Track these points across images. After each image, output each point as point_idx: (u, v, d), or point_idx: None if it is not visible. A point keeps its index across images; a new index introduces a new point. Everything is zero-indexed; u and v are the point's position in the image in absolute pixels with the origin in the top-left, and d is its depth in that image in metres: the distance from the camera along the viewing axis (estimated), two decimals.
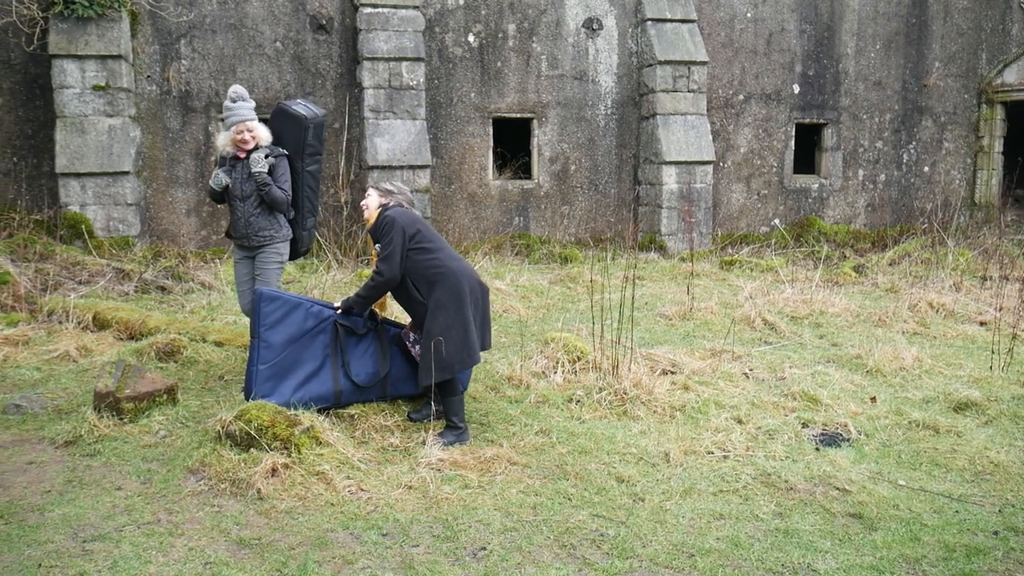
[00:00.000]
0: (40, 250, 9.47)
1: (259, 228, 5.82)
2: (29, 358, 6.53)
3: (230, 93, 5.76)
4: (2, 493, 4.24)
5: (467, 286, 5.05)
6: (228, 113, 5.71)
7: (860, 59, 14.16)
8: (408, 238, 4.97)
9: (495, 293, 9.23)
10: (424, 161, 11.52)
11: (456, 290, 4.99)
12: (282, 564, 3.58)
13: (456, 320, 4.97)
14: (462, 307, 4.99)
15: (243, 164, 5.74)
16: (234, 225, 5.86)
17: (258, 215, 5.79)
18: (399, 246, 4.94)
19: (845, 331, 8.01)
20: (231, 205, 5.86)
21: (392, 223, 4.97)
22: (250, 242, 5.85)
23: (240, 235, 5.85)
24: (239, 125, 5.65)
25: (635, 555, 3.74)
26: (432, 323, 4.93)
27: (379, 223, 5.06)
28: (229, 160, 5.79)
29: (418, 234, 5.03)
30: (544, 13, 12.60)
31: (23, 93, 10.68)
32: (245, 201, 5.77)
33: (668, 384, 5.98)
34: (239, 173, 5.76)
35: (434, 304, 4.95)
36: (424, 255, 5.00)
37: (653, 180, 12.85)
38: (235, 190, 5.77)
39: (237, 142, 5.70)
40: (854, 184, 14.49)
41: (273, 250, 5.91)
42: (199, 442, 4.74)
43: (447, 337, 4.91)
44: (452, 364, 4.93)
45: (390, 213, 5.05)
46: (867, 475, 4.66)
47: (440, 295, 4.96)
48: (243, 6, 11.32)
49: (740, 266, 11.59)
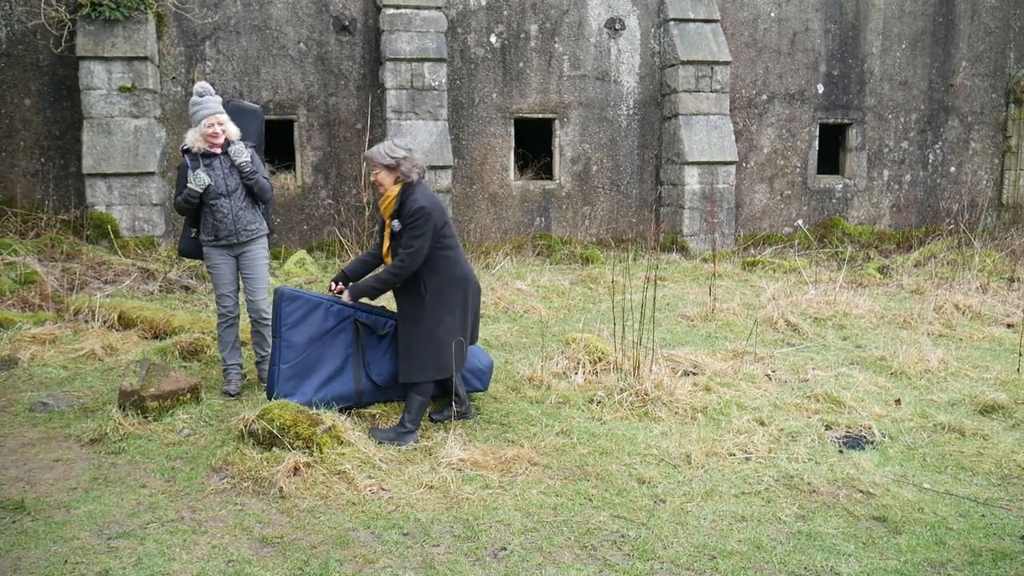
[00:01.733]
0: (67, 250, 9.59)
1: (247, 222, 5.66)
2: (56, 356, 6.61)
3: (196, 89, 5.58)
4: (29, 490, 4.30)
5: (470, 291, 5.04)
6: (197, 107, 5.49)
7: (886, 58, 14.02)
8: (436, 232, 4.85)
9: (516, 293, 9.24)
10: (446, 162, 11.54)
11: (463, 294, 4.97)
12: (304, 563, 3.60)
13: (460, 326, 4.96)
14: (465, 312, 5.00)
15: (221, 160, 5.56)
16: (216, 226, 5.59)
17: (245, 208, 5.64)
18: (427, 242, 4.81)
19: (869, 333, 7.93)
20: (211, 207, 5.56)
21: (427, 217, 4.78)
22: (239, 238, 5.64)
23: (227, 233, 5.60)
24: (210, 118, 5.45)
25: (656, 557, 3.73)
26: (436, 323, 4.87)
27: (410, 209, 4.80)
28: (202, 159, 5.54)
29: (445, 227, 4.92)
30: (566, 13, 12.58)
31: (51, 94, 10.83)
32: (231, 196, 5.58)
33: (690, 385, 5.95)
34: (219, 169, 5.56)
35: (442, 304, 4.89)
36: (444, 252, 4.91)
37: (675, 180, 12.80)
38: (218, 187, 5.54)
39: (208, 136, 5.49)
40: (879, 184, 14.34)
41: (261, 244, 5.78)
42: (222, 441, 4.78)
43: (449, 341, 4.90)
44: (448, 366, 4.91)
45: (423, 203, 4.82)
46: (891, 478, 4.61)
47: (448, 296, 4.91)
48: (267, 7, 11.40)
49: (763, 267, 11.51)
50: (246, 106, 5.82)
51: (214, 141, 5.52)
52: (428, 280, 4.89)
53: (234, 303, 5.77)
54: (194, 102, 5.53)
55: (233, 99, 5.83)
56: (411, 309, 4.95)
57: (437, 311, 4.90)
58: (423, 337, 4.89)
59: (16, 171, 10.84)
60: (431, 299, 4.89)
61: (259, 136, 5.85)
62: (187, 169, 5.54)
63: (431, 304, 4.89)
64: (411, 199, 4.86)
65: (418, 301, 4.91)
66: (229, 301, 5.75)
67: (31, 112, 10.83)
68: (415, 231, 4.80)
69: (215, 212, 5.58)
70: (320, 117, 11.81)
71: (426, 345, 4.89)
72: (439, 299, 4.90)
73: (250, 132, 5.75)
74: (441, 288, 4.91)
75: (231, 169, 5.59)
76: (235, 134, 5.60)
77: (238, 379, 5.81)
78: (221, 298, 5.76)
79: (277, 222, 11.65)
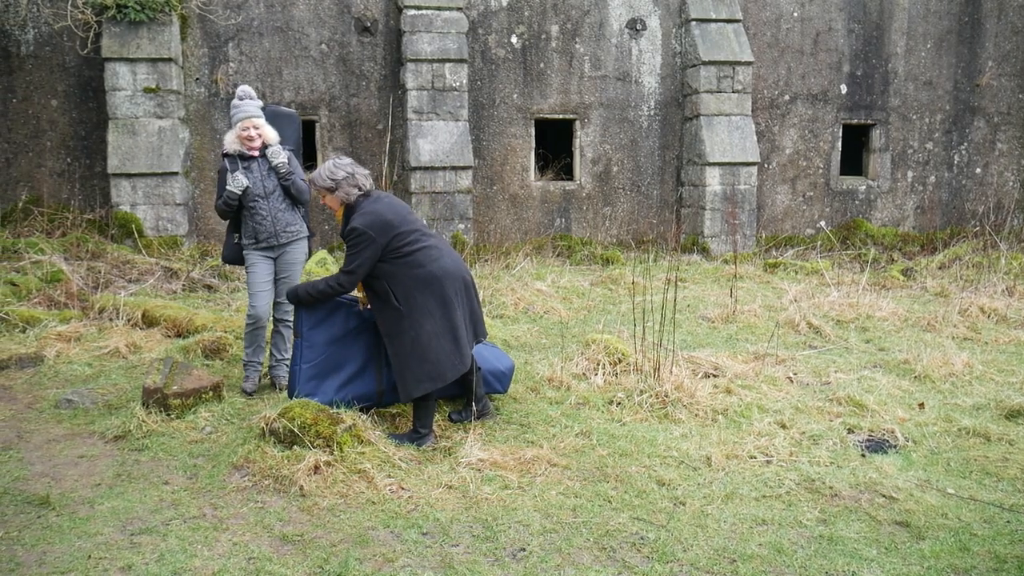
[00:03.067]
0: (92, 248, 9.71)
1: (287, 224, 5.71)
2: (81, 354, 6.69)
3: (238, 92, 5.67)
4: (54, 485, 4.35)
5: (451, 288, 4.83)
6: (235, 111, 5.59)
7: (910, 58, 13.88)
8: (382, 248, 4.70)
9: (536, 294, 9.23)
10: (466, 162, 11.56)
11: (440, 295, 4.78)
12: (324, 561, 3.62)
13: (444, 327, 4.79)
14: (448, 311, 4.81)
15: (259, 162, 5.63)
16: (256, 228, 5.64)
17: (284, 210, 5.69)
18: (368, 261, 4.70)
19: (893, 336, 7.86)
20: (250, 209, 5.63)
21: (362, 238, 4.67)
22: (279, 240, 5.68)
23: (267, 235, 5.65)
24: (245, 121, 5.53)
25: (676, 559, 3.71)
26: (417, 331, 4.72)
27: (347, 232, 4.74)
28: (240, 162, 5.62)
29: (395, 239, 4.72)
30: (587, 14, 12.57)
31: (77, 95, 10.96)
32: (269, 198, 5.64)
33: (710, 387, 5.92)
34: (257, 171, 5.63)
35: (417, 311, 4.73)
36: (406, 259, 4.75)
37: (696, 181, 12.75)
38: (256, 189, 5.60)
39: (243, 139, 5.57)
40: (903, 186, 14.21)
41: (300, 247, 5.82)
42: (244, 439, 4.81)
43: (436, 345, 4.76)
44: (444, 372, 4.80)
45: (357, 223, 4.70)
46: (915, 483, 4.56)
47: (424, 300, 4.75)
48: (290, 9, 11.47)
49: (785, 269, 11.44)
50: (282, 110, 5.91)
51: (250, 144, 5.60)
52: (396, 290, 4.76)
53: (265, 305, 5.76)
54: (233, 105, 5.63)
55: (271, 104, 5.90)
56: (390, 325, 4.81)
57: (414, 318, 4.74)
58: (408, 349, 4.75)
59: (43, 171, 10.98)
60: (405, 308, 4.74)
61: (296, 139, 5.92)
62: (226, 172, 5.61)
63: (406, 313, 4.74)
64: (352, 220, 4.78)
65: (394, 314, 4.77)
66: (260, 302, 5.72)
67: (57, 113, 10.96)
68: (350, 251, 4.73)
69: (254, 214, 5.63)
70: (341, 118, 11.88)
71: (413, 356, 4.75)
72: (412, 306, 4.74)
73: (287, 135, 5.83)
74: (411, 294, 4.75)
75: (269, 171, 5.65)
76: (273, 138, 5.68)
77: (256, 378, 5.84)
78: (253, 298, 5.73)
79: None
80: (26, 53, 10.78)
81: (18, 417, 5.41)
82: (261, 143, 5.63)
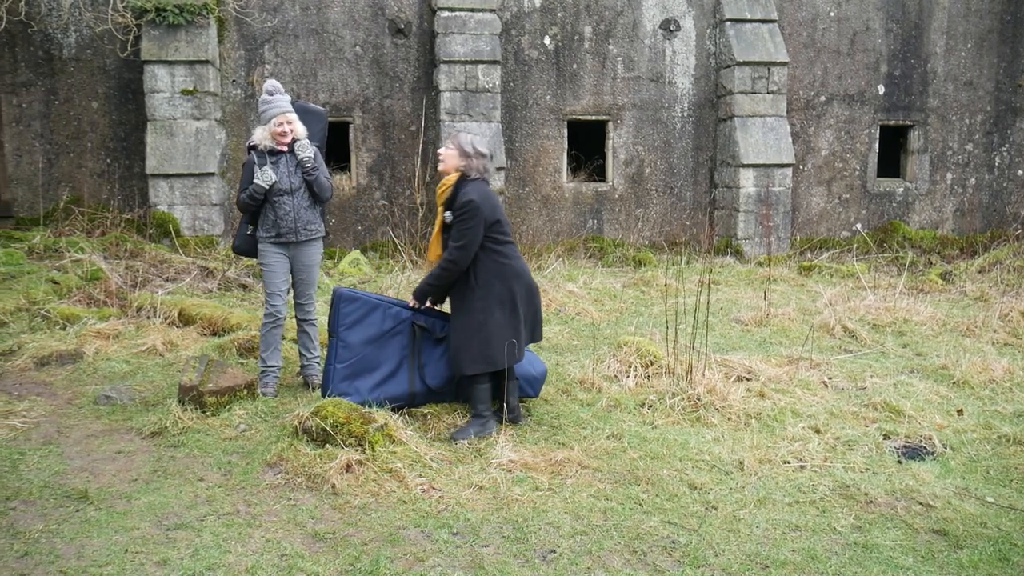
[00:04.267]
0: (130, 248, 9.87)
1: (308, 222, 5.71)
2: (119, 351, 6.80)
3: (266, 87, 5.65)
4: (93, 480, 4.43)
5: (522, 287, 5.04)
6: (267, 106, 5.57)
7: (950, 58, 13.65)
8: (487, 227, 4.90)
9: (568, 296, 9.22)
10: (499, 163, 11.58)
11: (515, 290, 4.99)
12: (355, 559, 3.65)
13: (511, 321, 4.98)
14: (516, 306, 5.00)
15: (286, 158, 5.63)
16: (278, 223, 5.63)
17: (307, 208, 5.69)
18: (477, 236, 4.86)
19: (930, 340, 7.73)
20: (273, 203, 5.61)
21: (475, 211, 4.83)
22: (297, 236, 5.68)
23: (287, 230, 5.64)
24: (279, 117, 5.53)
25: (707, 564, 3.68)
26: (486, 315, 4.91)
27: (459, 203, 4.88)
28: (268, 157, 5.61)
29: (496, 224, 4.94)
30: (621, 15, 12.53)
31: (117, 97, 11.15)
32: (295, 194, 5.63)
33: (743, 391, 5.86)
34: (285, 167, 5.62)
35: (491, 296, 4.92)
36: (497, 245, 4.96)
37: (730, 183, 12.64)
38: (283, 184, 5.59)
39: (276, 135, 5.56)
40: (942, 188, 13.97)
41: (317, 247, 5.84)
42: (277, 437, 4.86)
43: (499, 333, 4.93)
44: (499, 359, 4.95)
45: (473, 196, 4.86)
46: (953, 490, 4.48)
47: (500, 289, 4.94)
48: (325, 11, 11.58)
49: (819, 272, 11.30)
50: (311, 107, 5.91)
51: (282, 140, 5.59)
52: (478, 272, 4.94)
53: (284, 303, 5.79)
54: (264, 100, 5.60)
55: (299, 100, 5.90)
56: (461, 301, 5.01)
57: (487, 303, 4.92)
58: (473, 328, 4.93)
59: (84, 171, 11.20)
60: (481, 291, 4.93)
61: (322, 138, 5.94)
62: (253, 166, 5.60)
63: (481, 296, 4.92)
64: (463, 191, 4.92)
65: (469, 292, 4.96)
66: (279, 301, 5.75)
67: (98, 114, 11.16)
68: (463, 224, 4.86)
69: (277, 209, 5.62)
70: (375, 119, 11.95)
71: (476, 337, 4.93)
72: (489, 291, 4.93)
73: (314, 133, 5.83)
74: (491, 280, 4.93)
75: (296, 167, 5.66)
76: (302, 133, 5.67)
77: (275, 382, 5.85)
78: (271, 296, 5.75)
79: (332, 223, 11.83)
80: (68, 56, 11.00)
81: (58, 412, 5.52)
82: (291, 138, 5.64)
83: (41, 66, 10.97)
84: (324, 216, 5.98)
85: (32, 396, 5.80)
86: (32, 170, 11.08)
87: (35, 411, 5.50)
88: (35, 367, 6.41)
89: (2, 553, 3.62)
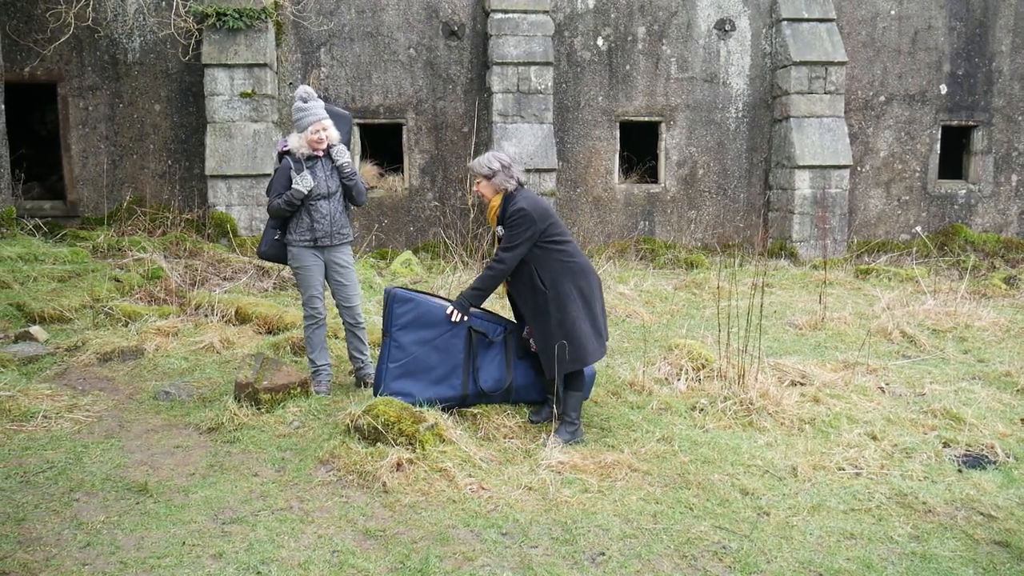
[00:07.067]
0: (190, 247, 10.11)
1: (341, 225, 5.77)
2: (178, 348, 6.97)
3: (300, 93, 5.67)
4: (152, 473, 4.55)
5: (591, 282, 5.11)
6: (303, 113, 5.59)
7: (1016, 57, 13.24)
8: (540, 233, 4.97)
9: (619, 297, 9.18)
10: (550, 165, 11.58)
11: (585, 284, 5.05)
12: (405, 556, 3.68)
13: (586, 312, 5.03)
14: (589, 301, 5.06)
15: (322, 163, 5.69)
16: (314, 227, 5.67)
17: (341, 212, 5.76)
18: (527, 241, 4.95)
19: (993, 347, 7.50)
20: (309, 208, 5.65)
21: (526, 218, 4.93)
22: (332, 240, 5.73)
23: (323, 234, 5.69)
24: (316, 124, 5.57)
25: (759, 571, 3.63)
26: (562, 314, 4.96)
27: (511, 212, 4.99)
28: (305, 162, 5.64)
29: (550, 227, 5.02)
30: (675, 15, 12.43)
31: (178, 100, 11.44)
32: (331, 199, 5.69)
33: (797, 396, 5.76)
34: (321, 171, 5.67)
35: (563, 296, 4.98)
36: (556, 246, 5.02)
37: (785, 185, 12.44)
38: (320, 189, 5.65)
39: (313, 142, 5.60)
40: (1006, 190, 13.55)
41: (348, 251, 5.89)
42: (329, 434, 4.93)
43: (580, 328, 4.97)
44: (587, 355, 5.00)
45: (522, 204, 4.99)
46: (1016, 501, 4.34)
47: (568, 288, 5.00)
48: (379, 15, 11.71)
49: (877, 275, 11.06)
50: (337, 111, 5.98)
51: (319, 146, 5.65)
52: (544, 276, 5.00)
53: (323, 304, 5.89)
54: (298, 108, 5.63)
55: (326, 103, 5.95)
56: (536, 306, 5.06)
57: (560, 302, 4.98)
58: (554, 329, 4.98)
59: (146, 172, 11.51)
60: (551, 292, 4.99)
61: (348, 140, 6.00)
62: (288, 171, 5.65)
63: (552, 297, 4.99)
64: (512, 204, 5.03)
65: (541, 297, 5.02)
66: (319, 303, 5.83)
67: (160, 117, 11.46)
68: (513, 229, 4.96)
69: (313, 213, 5.66)
70: (428, 121, 12.05)
71: (559, 336, 4.97)
72: (559, 291, 4.99)
73: (341, 136, 5.91)
74: (558, 279, 5.00)
75: (332, 171, 5.73)
76: (336, 138, 5.74)
77: (328, 380, 5.93)
78: (311, 299, 5.81)
79: (385, 223, 11.95)
80: (132, 60, 11.32)
81: (120, 407, 5.68)
82: (327, 144, 5.71)
83: (107, 70, 11.30)
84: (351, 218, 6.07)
85: (95, 391, 5.98)
86: (97, 171, 11.42)
87: (98, 405, 5.67)
88: (98, 363, 6.61)
89: (66, 543, 3.74)
